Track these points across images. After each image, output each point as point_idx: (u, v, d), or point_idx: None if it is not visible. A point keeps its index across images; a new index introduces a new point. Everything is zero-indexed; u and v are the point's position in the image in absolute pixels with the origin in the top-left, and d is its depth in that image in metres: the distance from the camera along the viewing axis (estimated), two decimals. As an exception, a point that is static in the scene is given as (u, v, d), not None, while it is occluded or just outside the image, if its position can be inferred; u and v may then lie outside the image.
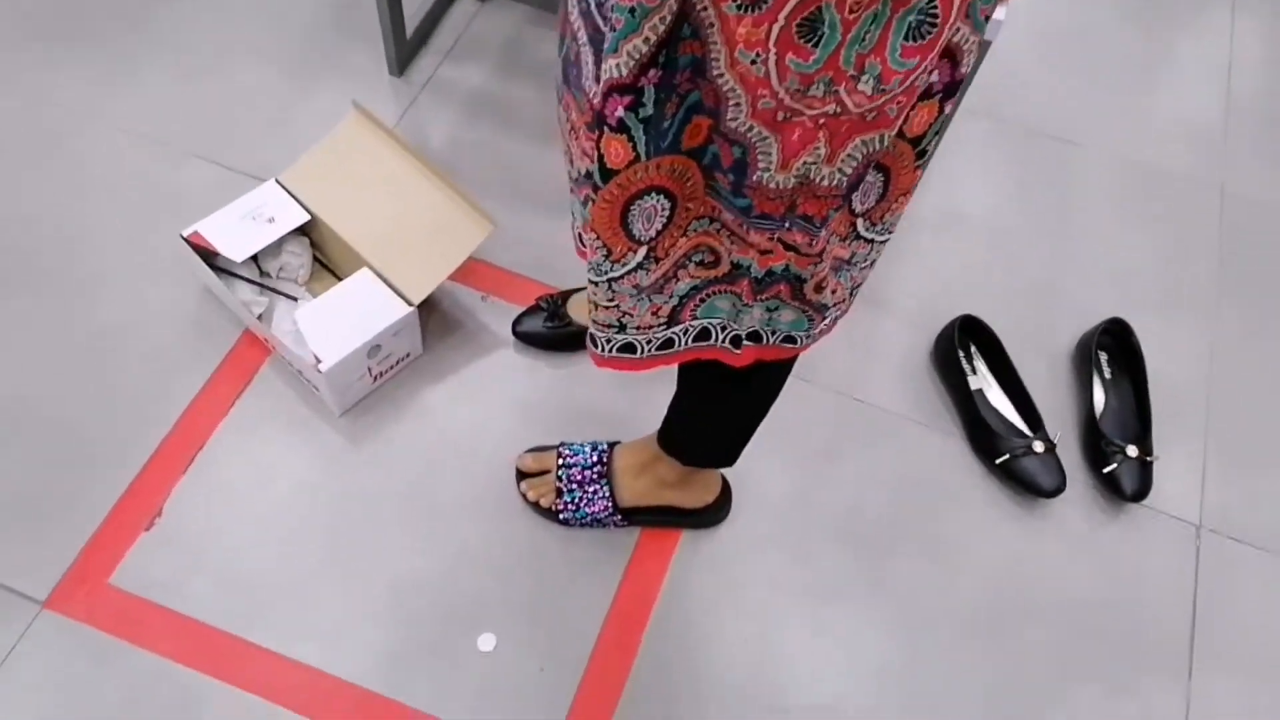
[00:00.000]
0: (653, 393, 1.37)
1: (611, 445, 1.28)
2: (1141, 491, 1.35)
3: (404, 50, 1.70)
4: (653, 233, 0.76)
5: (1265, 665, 1.27)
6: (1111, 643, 1.27)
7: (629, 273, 0.78)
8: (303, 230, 1.42)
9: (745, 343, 0.88)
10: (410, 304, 1.31)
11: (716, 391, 1.03)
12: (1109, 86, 1.86)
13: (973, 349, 1.47)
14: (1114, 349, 1.49)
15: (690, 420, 1.12)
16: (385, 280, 1.33)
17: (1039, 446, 1.35)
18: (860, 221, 0.78)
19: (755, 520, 1.31)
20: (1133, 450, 1.36)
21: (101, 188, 1.50)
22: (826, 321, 0.89)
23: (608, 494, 1.25)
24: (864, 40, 0.61)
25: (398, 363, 1.37)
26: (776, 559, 1.29)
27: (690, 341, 0.88)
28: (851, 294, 0.88)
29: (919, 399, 1.44)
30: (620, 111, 0.66)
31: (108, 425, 1.29)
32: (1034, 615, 1.28)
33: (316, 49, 1.70)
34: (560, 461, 1.27)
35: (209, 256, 1.35)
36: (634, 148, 0.69)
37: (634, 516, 1.26)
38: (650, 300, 0.82)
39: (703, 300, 0.84)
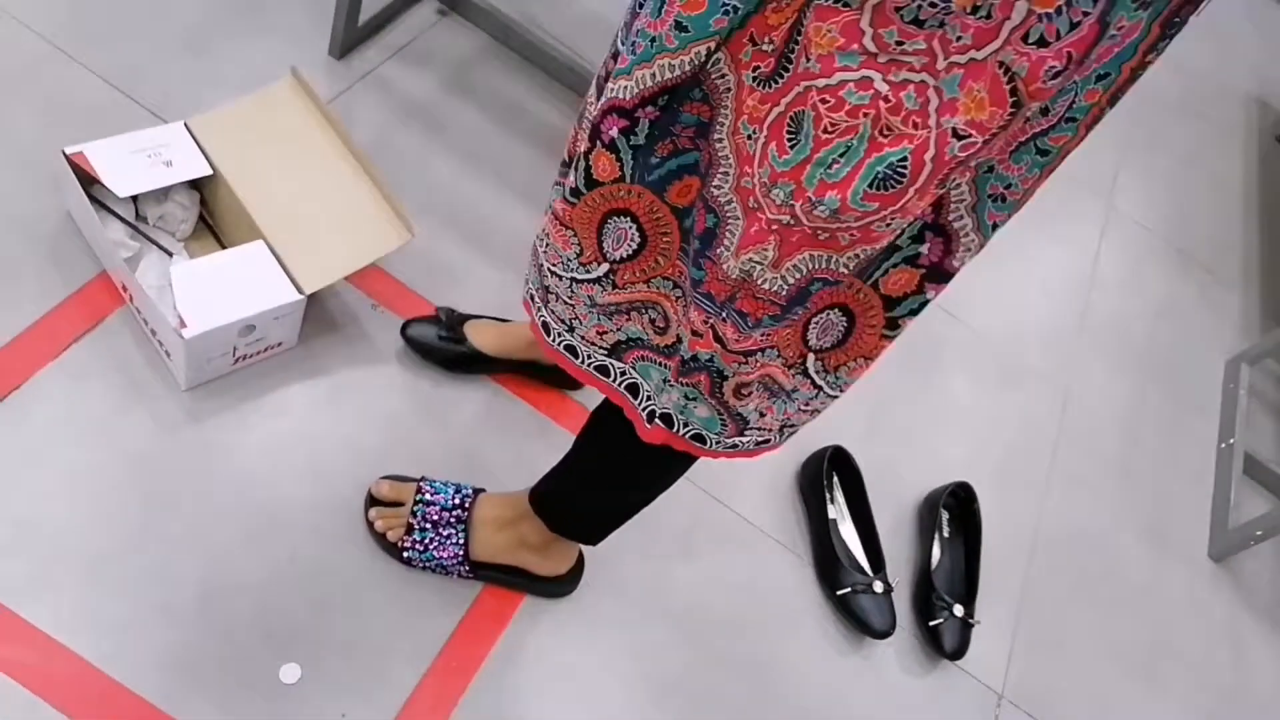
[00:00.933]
0: (535, 451, 1.33)
1: (476, 492, 1.22)
2: (959, 650, 1.41)
3: (351, 35, 1.64)
4: (618, 256, 0.78)
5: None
6: (904, 792, 1.30)
7: (591, 281, 0.81)
8: (195, 185, 1.31)
9: (658, 421, 0.87)
10: (301, 291, 1.22)
11: (612, 464, 1.01)
12: (991, 271, 2.01)
13: (835, 480, 1.51)
14: (956, 510, 1.57)
15: (573, 487, 1.09)
16: (280, 260, 1.23)
17: (879, 587, 1.39)
18: (812, 358, 0.78)
19: (600, 599, 1.28)
20: (959, 610, 1.42)
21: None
22: (744, 439, 0.88)
23: (461, 542, 1.18)
24: (830, 169, 0.63)
25: (266, 350, 1.27)
26: (613, 643, 1.25)
27: (621, 387, 0.89)
28: (782, 431, 0.89)
29: (779, 515, 1.46)
30: (614, 132, 0.69)
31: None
32: (840, 751, 1.30)
33: (264, 4, 1.61)
34: (419, 496, 1.20)
35: (87, 183, 1.21)
36: (620, 167, 0.71)
37: (482, 571, 1.20)
38: (600, 320, 0.84)
39: (642, 358, 0.85)
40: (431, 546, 1.18)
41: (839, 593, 1.39)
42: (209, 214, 1.35)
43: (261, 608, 1.11)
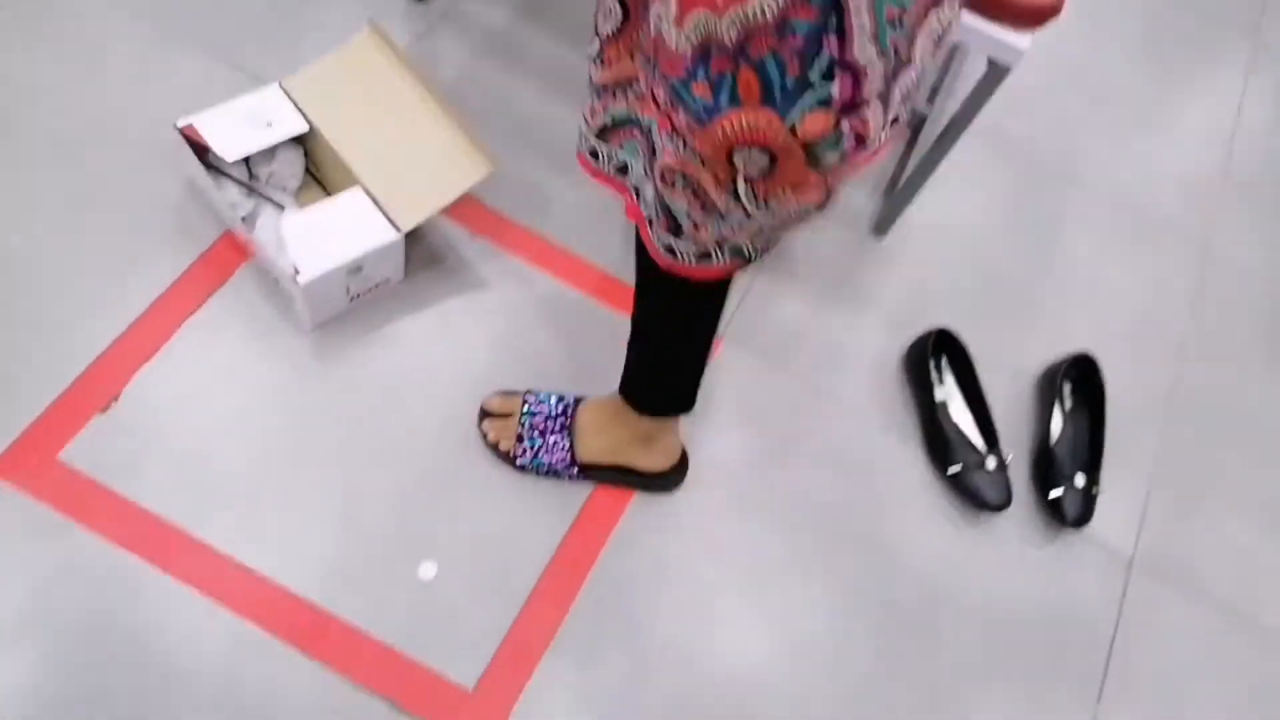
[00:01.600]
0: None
1: (578, 400, 1.29)
2: (1082, 519, 1.38)
3: (428, -25, 1.69)
4: (606, 31, 0.85)
5: (1171, 706, 1.31)
6: (1029, 658, 1.31)
7: (591, 60, 0.90)
8: (299, 140, 1.41)
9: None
10: (398, 229, 1.30)
11: (660, 314, 1.07)
12: (1114, 127, 1.89)
13: (943, 361, 1.50)
14: (1079, 382, 1.52)
15: (643, 355, 1.14)
16: (376, 202, 1.32)
17: (991, 463, 1.38)
18: (741, 183, 0.79)
19: (708, 493, 1.33)
20: (1080, 480, 1.39)
21: (95, 59, 1.47)
22: (680, 244, 0.90)
23: (567, 446, 1.26)
24: None
25: (376, 286, 1.37)
26: (723, 533, 1.31)
27: (611, 169, 0.97)
28: (722, 249, 0.91)
29: (884, 401, 1.47)
30: None
31: (75, 300, 1.28)
32: (959, 621, 1.31)
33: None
34: (525, 408, 1.28)
35: (201, 152, 1.33)
36: None
37: (591, 472, 1.28)
38: (593, 99, 0.92)
39: (627, 137, 0.92)
40: (540, 453, 1.26)
41: (950, 471, 1.39)
42: (314, 166, 1.45)
43: (398, 515, 1.23)
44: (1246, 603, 1.41)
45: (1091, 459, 1.44)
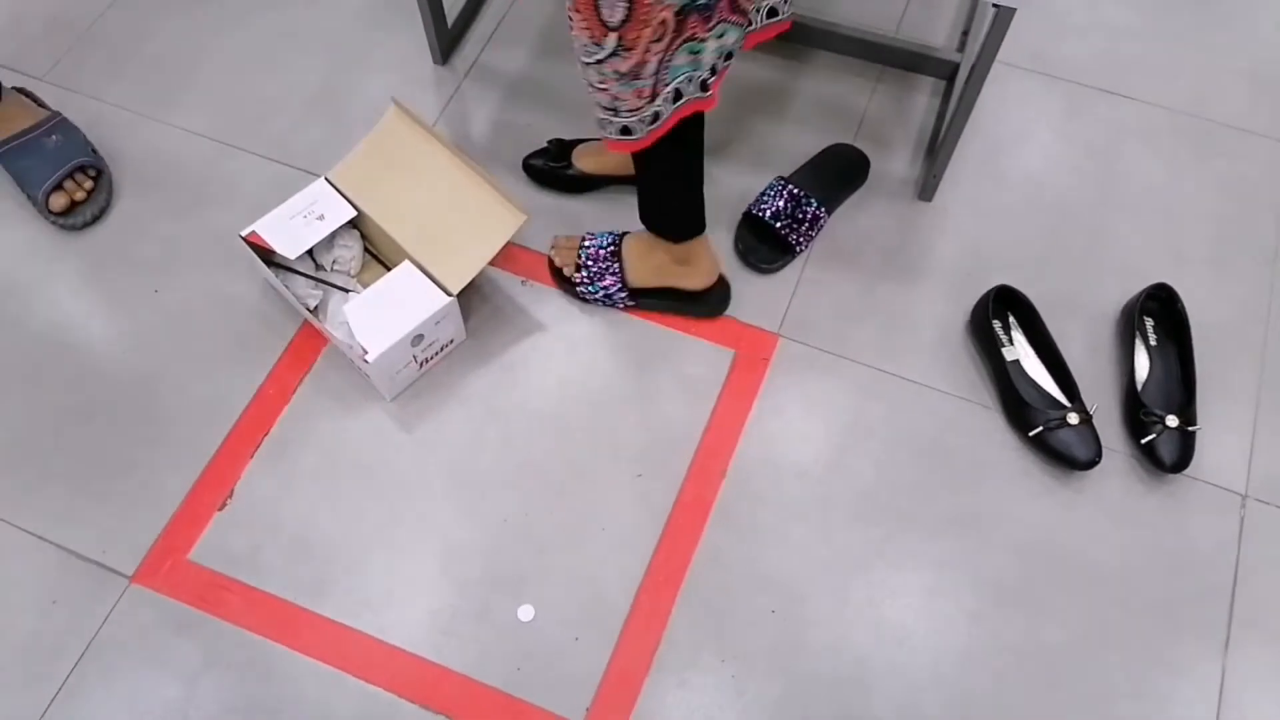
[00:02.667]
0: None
1: (624, 234, 1.47)
2: (1181, 462, 1.33)
3: (445, 38, 1.76)
4: (616, 20, 0.98)
5: (1309, 637, 1.25)
6: (1148, 614, 1.27)
7: (609, 56, 1.03)
8: (353, 224, 1.51)
9: (711, 79, 1.14)
10: (449, 294, 1.38)
11: (657, 173, 1.29)
12: (1166, 34, 1.78)
13: (1010, 319, 1.46)
14: (1160, 314, 1.45)
15: (649, 186, 1.34)
16: (426, 272, 1.40)
17: (1074, 418, 1.34)
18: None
19: (785, 494, 1.35)
20: (1173, 420, 1.34)
21: (162, 184, 1.61)
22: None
23: (618, 272, 1.45)
24: None
25: (442, 349, 1.45)
26: (804, 532, 1.32)
27: (670, 106, 1.12)
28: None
29: (953, 371, 1.44)
30: None
31: (184, 410, 1.41)
32: (1067, 585, 1.29)
33: (362, 40, 1.77)
34: (583, 243, 1.48)
35: (266, 255, 1.44)
36: None
37: (641, 298, 1.47)
38: (632, 85, 1.07)
39: (665, 66, 1.06)
40: (596, 279, 1.46)
41: (1032, 433, 1.36)
42: (371, 245, 1.54)
43: (492, 563, 1.30)
44: (1383, 520, 1.32)
45: (1185, 396, 1.38)
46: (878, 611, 1.27)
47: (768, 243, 1.52)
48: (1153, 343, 1.43)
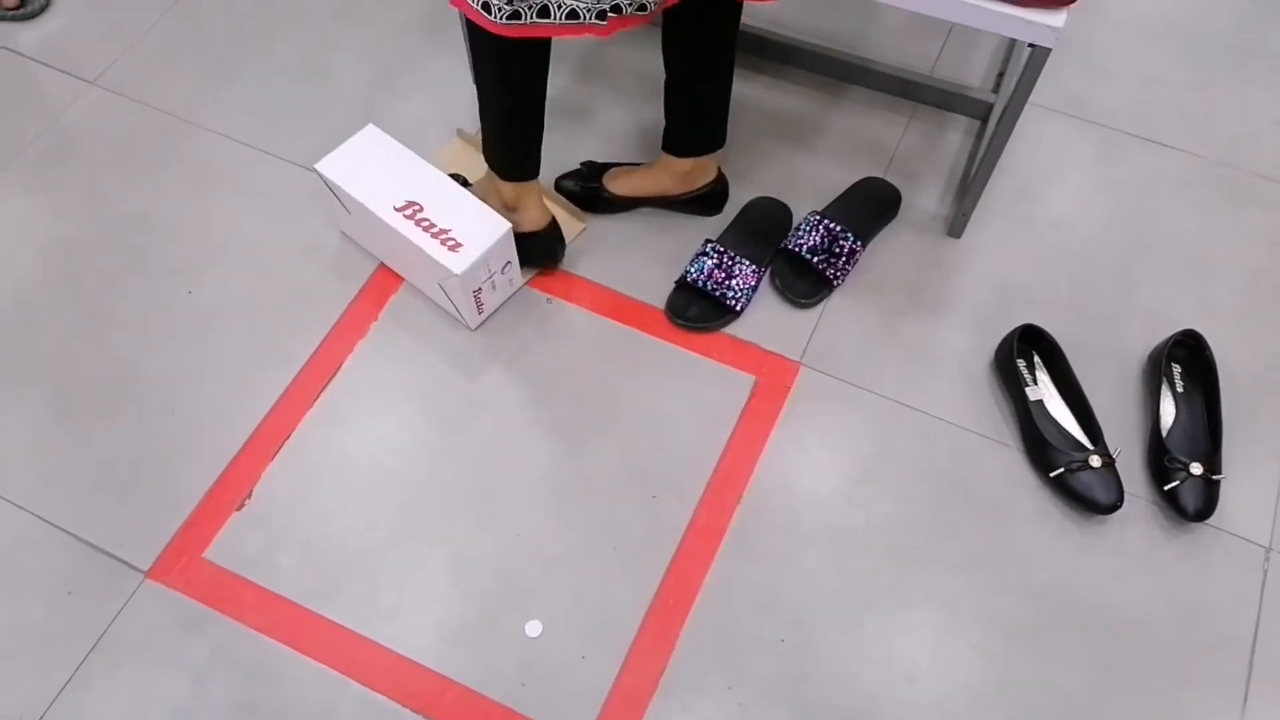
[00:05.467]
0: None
1: None
2: (1205, 511, 1.31)
3: (487, 59, 1.78)
4: None
5: (1332, 697, 1.22)
6: (1164, 664, 1.24)
7: None
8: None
9: (611, 11, 1.13)
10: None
11: (495, 83, 1.31)
12: (1205, 82, 1.78)
13: (1035, 358, 1.45)
14: (1188, 361, 1.44)
15: (486, 123, 1.38)
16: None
17: (1096, 461, 1.33)
18: None
19: (800, 524, 1.34)
20: (1197, 468, 1.32)
21: (207, 188, 1.65)
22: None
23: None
24: None
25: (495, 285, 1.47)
26: (817, 562, 1.31)
27: (563, 18, 1.13)
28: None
29: (975, 408, 1.43)
30: None
31: (209, 409, 1.43)
32: (1083, 630, 1.27)
33: (405, 58, 1.80)
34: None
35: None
36: None
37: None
38: None
39: None
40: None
41: (1053, 473, 1.34)
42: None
43: (503, 576, 1.30)
44: None
45: (1210, 444, 1.36)
46: (889, 646, 1.26)
47: (805, 277, 1.52)
48: (1179, 389, 1.42)
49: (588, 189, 1.60)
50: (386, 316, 1.51)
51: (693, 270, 1.51)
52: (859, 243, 1.52)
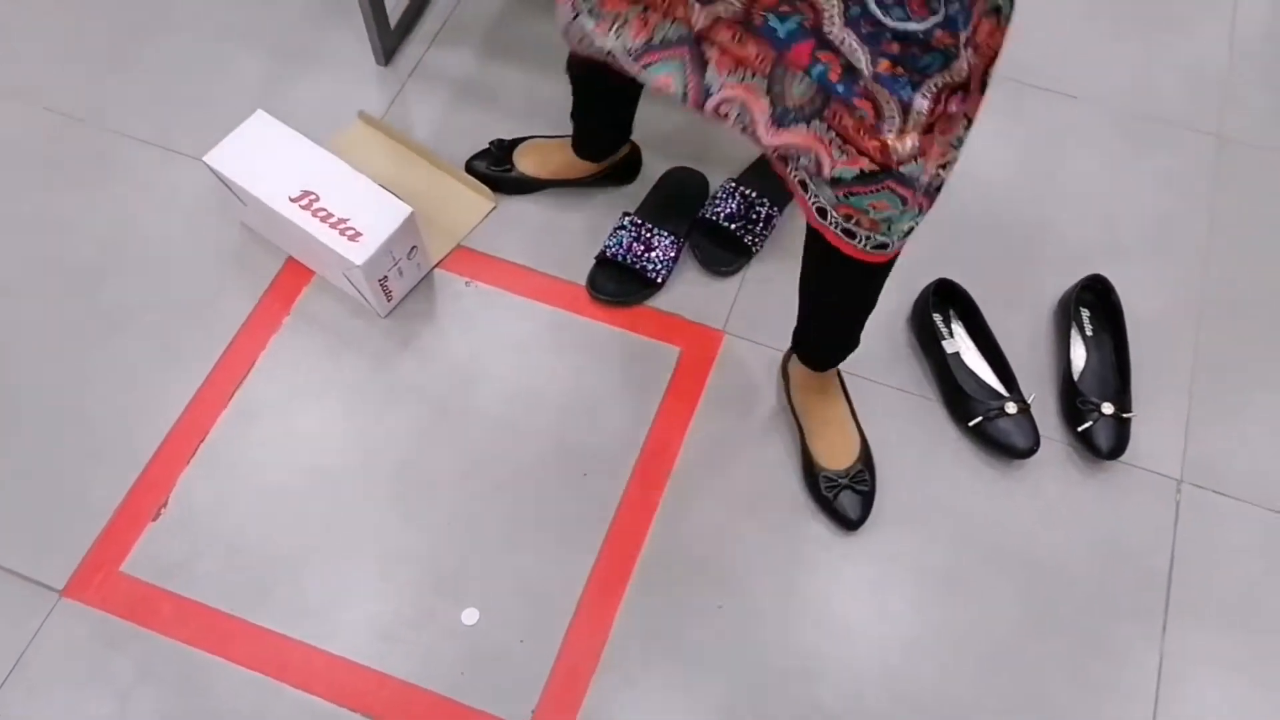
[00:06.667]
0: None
1: None
2: (1117, 449, 1.35)
3: (389, 39, 1.74)
4: None
5: (1243, 616, 1.27)
6: (1087, 599, 1.28)
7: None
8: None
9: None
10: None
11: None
12: (1107, 34, 1.81)
13: (950, 312, 1.47)
14: (1095, 306, 1.48)
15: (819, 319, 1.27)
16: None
17: (1012, 408, 1.36)
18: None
19: (727, 497, 1.35)
20: (1108, 408, 1.36)
21: (102, 187, 1.58)
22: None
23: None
24: None
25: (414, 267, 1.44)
26: (748, 528, 1.32)
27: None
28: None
29: (895, 365, 1.45)
30: None
31: (116, 416, 1.37)
32: (1008, 573, 1.30)
33: (304, 40, 1.75)
34: None
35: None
36: None
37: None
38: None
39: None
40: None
41: (971, 423, 1.37)
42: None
43: (434, 568, 1.28)
44: (1312, 502, 1.35)
45: (1120, 384, 1.40)
46: (824, 606, 1.27)
47: (724, 246, 1.52)
48: (1089, 333, 1.46)
49: (498, 170, 1.57)
50: (298, 310, 1.47)
51: (611, 245, 1.49)
52: (776, 209, 1.52)
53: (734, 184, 1.53)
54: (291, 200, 1.36)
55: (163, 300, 1.48)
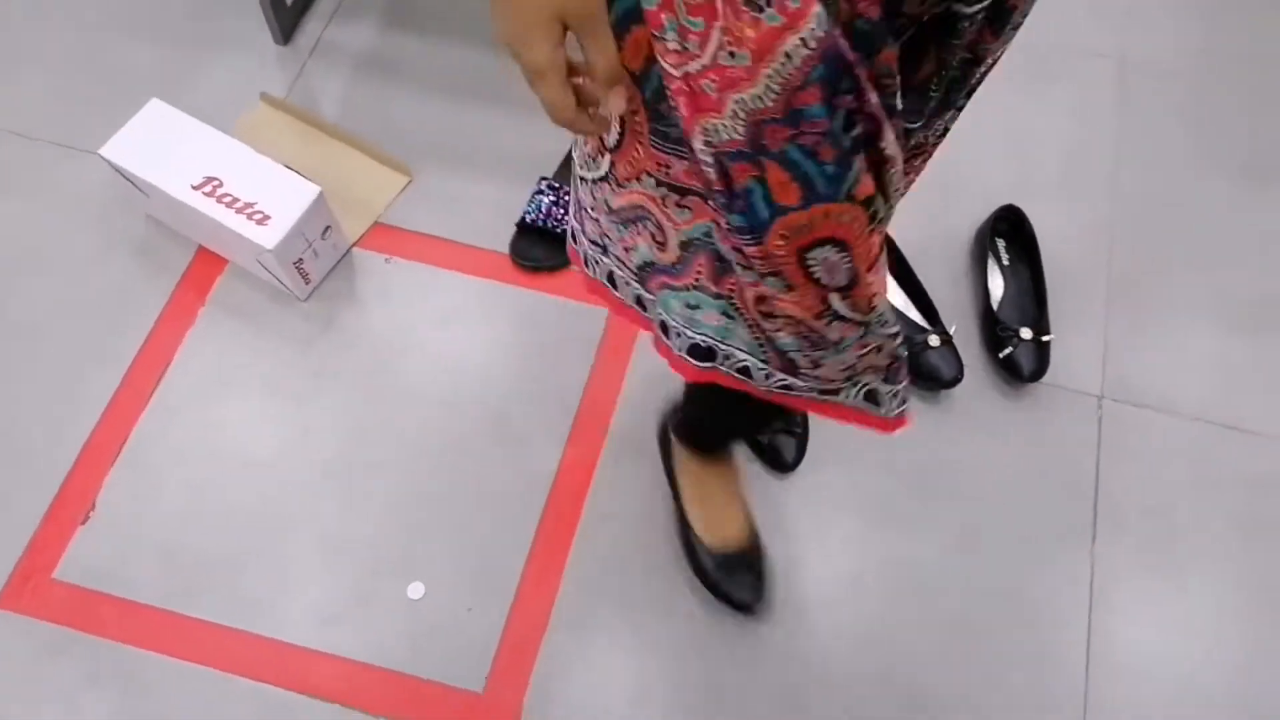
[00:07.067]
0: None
1: None
2: (1039, 371, 1.39)
3: (286, 17, 1.69)
4: (611, 141, 0.69)
5: (1167, 530, 1.32)
6: (1017, 520, 1.32)
7: (601, 179, 0.73)
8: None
9: (689, 357, 0.80)
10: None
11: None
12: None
13: (871, 251, 1.49)
14: (1010, 235, 1.51)
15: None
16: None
17: (935, 340, 1.38)
18: (835, 297, 0.68)
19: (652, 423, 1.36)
20: (1027, 333, 1.39)
21: (4, 191, 1.52)
22: (801, 383, 0.78)
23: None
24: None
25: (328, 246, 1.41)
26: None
27: (657, 323, 0.82)
28: (854, 384, 0.79)
29: (821, 307, 1.47)
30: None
31: (35, 421, 1.34)
32: (941, 499, 1.33)
33: (198, 24, 1.69)
34: None
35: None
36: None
37: None
38: (621, 232, 0.77)
39: (662, 285, 0.77)
40: None
41: (898, 358, 1.39)
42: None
43: (376, 546, 1.28)
44: (1223, 408, 1.40)
45: (1037, 309, 1.44)
46: (766, 544, 1.30)
47: (545, 244, 1.48)
48: (1005, 262, 1.49)
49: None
50: (214, 300, 1.44)
51: (530, 210, 1.48)
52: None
53: (545, 181, 1.50)
54: (194, 188, 1.33)
55: (73, 302, 1.43)
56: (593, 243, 0.83)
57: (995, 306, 1.44)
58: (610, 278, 0.84)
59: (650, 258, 0.76)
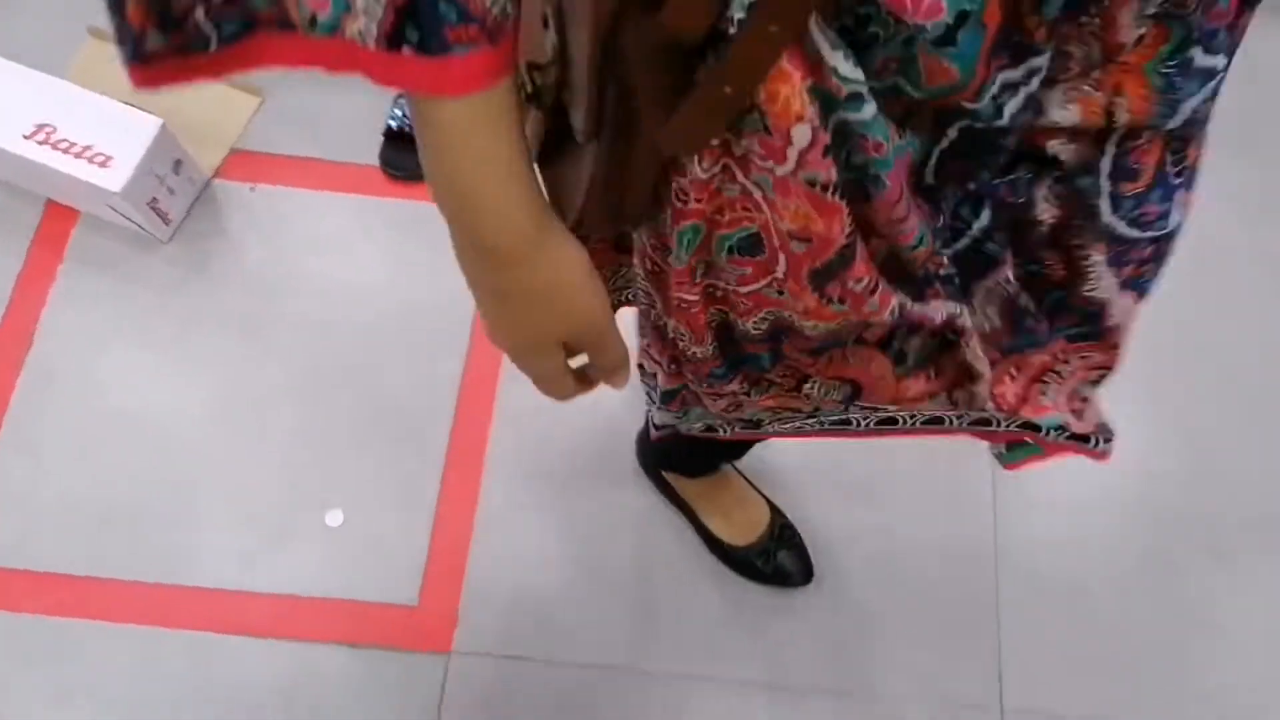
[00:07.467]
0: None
1: None
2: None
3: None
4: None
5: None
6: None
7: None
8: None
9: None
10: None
11: None
12: None
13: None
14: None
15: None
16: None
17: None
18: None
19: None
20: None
21: None
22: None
23: None
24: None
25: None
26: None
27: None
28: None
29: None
30: None
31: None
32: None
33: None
34: None
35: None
36: None
37: None
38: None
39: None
40: None
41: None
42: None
43: (285, 479, 1.26)
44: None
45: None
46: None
47: (415, 150, 1.41)
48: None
49: None
50: (71, 256, 1.36)
51: (395, 116, 1.42)
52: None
53: None
54: (26, 137, 1.24)
55: (-82, 279, 1.34)
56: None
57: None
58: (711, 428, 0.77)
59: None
